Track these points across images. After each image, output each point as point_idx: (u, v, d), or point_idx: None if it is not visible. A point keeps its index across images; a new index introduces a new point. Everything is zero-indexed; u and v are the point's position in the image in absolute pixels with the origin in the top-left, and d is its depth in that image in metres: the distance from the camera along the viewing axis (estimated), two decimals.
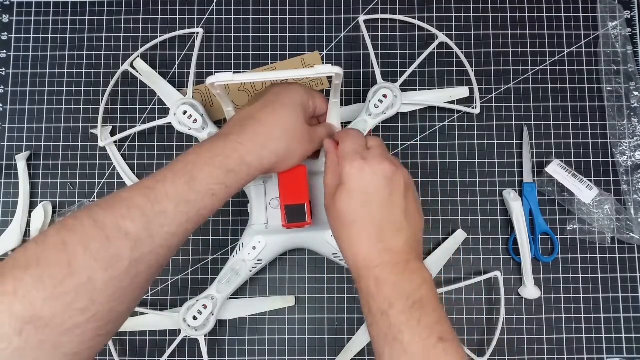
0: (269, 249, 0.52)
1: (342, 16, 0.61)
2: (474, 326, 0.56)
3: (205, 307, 0.51)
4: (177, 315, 0.52)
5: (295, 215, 0.49)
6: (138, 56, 0.59)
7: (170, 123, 0.54)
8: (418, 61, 0.57)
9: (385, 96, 0.55)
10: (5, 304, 0.31)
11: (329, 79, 0.59)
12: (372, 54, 0.57)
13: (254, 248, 0.52)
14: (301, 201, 0.48)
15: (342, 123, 0.53)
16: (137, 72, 0.58)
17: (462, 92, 0.59)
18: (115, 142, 0.58)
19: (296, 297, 0.56)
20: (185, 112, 0.54)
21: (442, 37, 0.58)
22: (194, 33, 0.59)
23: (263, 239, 0.52)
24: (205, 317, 0.52)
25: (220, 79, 0.41)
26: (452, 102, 0.58)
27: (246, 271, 0.52)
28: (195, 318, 0.51)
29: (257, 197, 0.53)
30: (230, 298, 0.54)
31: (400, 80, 0.57)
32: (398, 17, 0.60)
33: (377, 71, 0.56)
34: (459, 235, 0.56)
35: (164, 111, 0.59)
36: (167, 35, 0.59)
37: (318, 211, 0.52)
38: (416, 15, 0.61)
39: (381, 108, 0.54)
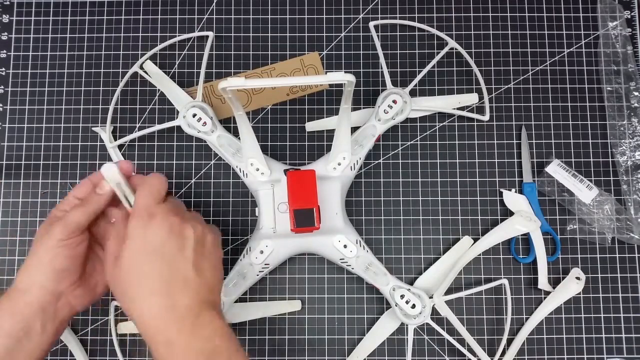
0: (276, 253, 0.52)
1: (342, 16, 0.61)
2: (475, 327, 0.56)
3: None
4: None
5: (303, 220, 0.49)
6: (148, 58, 0.59)
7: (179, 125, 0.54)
8: (428, 67, 0.57)
9: (394, 102, 0.55)
10: None
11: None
12: (382, 59, 0.57)
13: (262, 252, 0.52)
14: (310, 205, 0.49)
15: (352, 128, 0.53)
16: (147, 73, 0.58)
17: (472, 98, 0.59)
18: (123, 143, 0.58)
19: (297, 298, 0.56)
20: (194, 115, 0.54)
21: (452, 43, 0.58)
22: (204, 36, 0.59)
23: (271, 243, 0.52)
24: None
25: (231, 83, 0.41)
26: (461, 108, 0.58)
27: (253, 275, 0.52)
28: None
29: (265, 201, 0.53)
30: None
31: (410, 86, 0.57)
32: (407, 22, 0.60)
33: (387, 76, 0.56)
34: (465, 242, 0.56)
35: (165, 112, 0.59)
36: (183, 36, 0.60)
37: (326, 216, 0.52)
38: (416, 15, 0.61)
39: (390, 114, 0.55)
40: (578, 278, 0.55)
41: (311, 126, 0.59)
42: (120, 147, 0.59)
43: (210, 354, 0.38)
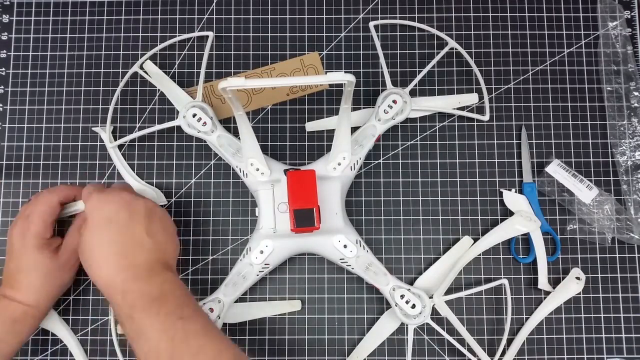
0: (276, 253, 0.52)
1: (342, 16, 0.61)
2: (475, 327, 0.56)
3: (211, 310, 0.51)
4: None
5: (303, 220, 0.49)
6: (148, 58, 0.59)
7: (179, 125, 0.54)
8: (428, 67, 0.57)
9: (394, 102, 0.55)
10: None
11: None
12: (382, 59, 0.57)
13: (262, 252, 0.52)
14: (310, 205, 0.49)
15: (352, 128, 0.53)
16: (147, 73, 0.58)
17: (471, 98, 0.59)
18: (123, 143, 0.58)
19: (297, 298, 0.56)
20: (194, 115, 0.54)
21: (452, 43, 0.58)
22: (204, 36, 0.59)
23: (271, 243, 0.52)
24: (212, 320, 0.51)
25: (232, 83, 0.41)
26: (461, 108, 0.58)
27: (253, 275, 0.52)
28: None
29: (266, 201, 0.53)
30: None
31: (410, 86, 0.57)
32: (407, 22, 0.60)
33: (387, 76, 0.56)
34: (465, 242, 0.56)
35: (165, 112, 0.59)
36: (183, 36, 0.60)
37: (326, 216, 0.52)
38: (416, 15, 0.61)
39: (390, 114, 0.55)
40: (578, 278, 0.55)
41: (311, 126, 0.59)
42: (120, 147, 0.59)
43: (159, 296, 0.44)
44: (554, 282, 0.56)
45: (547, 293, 0.56)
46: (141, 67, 0.59)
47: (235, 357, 0.43)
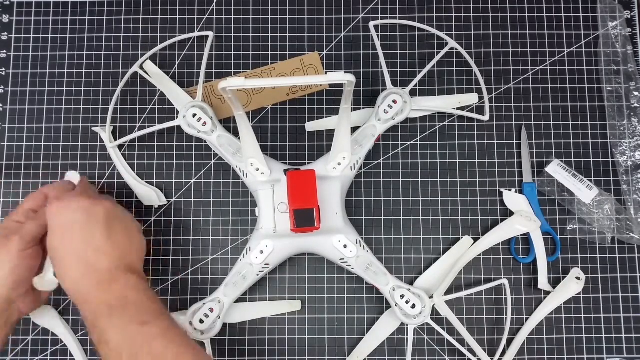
0: (276, 253, 0.52)
1: (342, 16, 0.61)
2: (475, 327, 0.56)
3: (212, 310, 0.52)
4: (183, 319, 0.52)
5: (303, 220, 0.49)
6: (148, 58, 0.59)
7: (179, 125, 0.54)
8: (428, 67, 0.57)
9: (394, 102, 0.55)
10: None
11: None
12: (382, 59, 0.57)
13: (262, 252, 0.52)
14: (310, 205, 0.49)
15: (352, 128, 0.53)
16: (147, 73, 0.58)
17: (471, 98, 0.59)
18: (123, 143, 0.58)
19: (297, 298, 0.56)
20: (194, 115, 0.54)
21: (452, 43, 0.58)
22: (204, 36, 0.59)
23: (271, 243, 0.52)
24: (212, 320, 0.52)
25: (231, 83, 0.41)
26: (461, 108, 0.58)
27: (253, 275, 0.52)
28: (201, 321, 0.51)
29: (265, 201, 0.53)
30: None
31: (410, 86, 0.57)
32: (407, 22, 0.60)
33: (387, 76, 0.56)
34: (465, 242, 0.56)
35: (165, 112, 0.59)
36: (183, 36, 0.59)
37: (326, 216, 0.52)
38: (416, 15, 0.61)
39: (390, 114, 0.55)
40: (578, 278, 0.55)
41: (311, 126, 0.59)
42: (120, 147, 0.59)
43: (120, 303, 0.44)
44: (554, 282, 0.56)
45: (547, 293, 0.56)
46: (141, 67, 0.59)
47: (195, 357, 0.43)
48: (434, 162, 0.58)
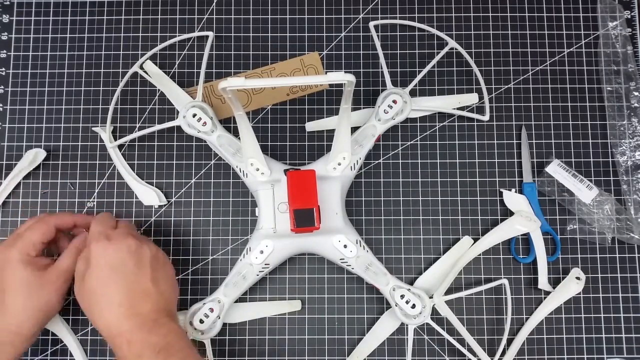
0: (276, 253, 0.52)
1: (342, 16, 0.61)
2: (475, 327, 0.56)
3: (212, 310, 0.52)
4: (183, 319, 0.52)
5: (304, 220, 0.49)
6: (148, 58, 0.59)
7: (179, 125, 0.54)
8: (428, 67, 0.57)
9: (394, 102, 0.55)
10: None
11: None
12: (382, 59, 0.57)
13: (262, 252, 0.52)
14: (310, 205, 0.49)
15: (352, 128, 0.53)
16: (147, 73, 0.58)
17: (471, 98, 0.59)
18: (123, 143, 0.58)
19: (297, 298, 0.56)
20: (194, 115, 0.54)
21: (452, 43, 0.58)
22: (204, 36, 0.59)
23: (271, 243, 0.52)
24: (212, 320, 0.52)
25: (231, 84, 0.41)
26: (461, 108, 0.58)
27: (253, 275, 0.52)
28: (201, 321, 0.51)
29: (265, 201, 0.53)
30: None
31: (410, 86, 0.57)
32: (407, 22, 0.60)
33: (387, 76, 0.56)
34: (465, 242, 0.56)
35: (165, 112, 0.59)
36: (183, 36, 0.59)
37: (326, 216, 0.52)
38: (416, 15, 0.61)
39: (390, 114, 0.55)
40: (578, 278, 0.55)
41: (311, 126, 0.59)
42: (120, 147, 0.59)
43: (164, 347, 0.44)
44: (554, 282, 0.56)
45: (547, 293, 0.56)
46: (141, 67, 0.59)
47: None
48: (434, 162, 0.58)
